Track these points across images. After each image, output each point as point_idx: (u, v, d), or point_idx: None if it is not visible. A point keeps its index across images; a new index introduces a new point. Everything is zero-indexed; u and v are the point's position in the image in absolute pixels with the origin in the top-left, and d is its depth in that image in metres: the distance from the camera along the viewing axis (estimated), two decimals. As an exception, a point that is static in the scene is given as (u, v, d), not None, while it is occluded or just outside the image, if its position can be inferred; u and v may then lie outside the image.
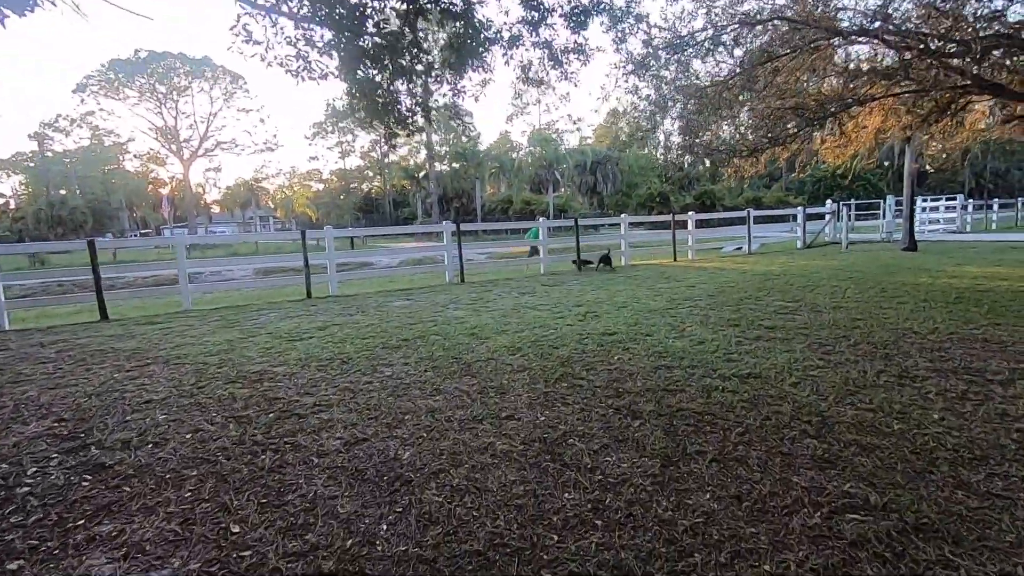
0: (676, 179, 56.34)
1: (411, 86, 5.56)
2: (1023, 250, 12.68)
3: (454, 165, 50.61)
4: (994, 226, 22.44)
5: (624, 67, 6.95)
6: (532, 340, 5.51)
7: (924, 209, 20.06)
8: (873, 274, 9.44)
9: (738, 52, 6.90)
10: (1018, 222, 23.81)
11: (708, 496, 2.35)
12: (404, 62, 5.20)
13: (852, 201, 16.62)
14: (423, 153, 50.75)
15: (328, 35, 4.30)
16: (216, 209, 72.56)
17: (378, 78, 5.09)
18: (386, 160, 60.03)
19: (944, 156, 10.76)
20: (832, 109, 7.25)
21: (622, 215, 13.47)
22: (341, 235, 12.98)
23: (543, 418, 3.38)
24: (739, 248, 17.92)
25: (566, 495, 2.42)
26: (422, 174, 46.18)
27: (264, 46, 4.24)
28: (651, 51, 7.29)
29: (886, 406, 3.28)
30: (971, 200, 21.50)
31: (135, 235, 52.29)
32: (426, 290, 10.16)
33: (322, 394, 4.07)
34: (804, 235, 16.03)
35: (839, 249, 14.85)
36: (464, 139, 47.59)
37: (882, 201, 16.81)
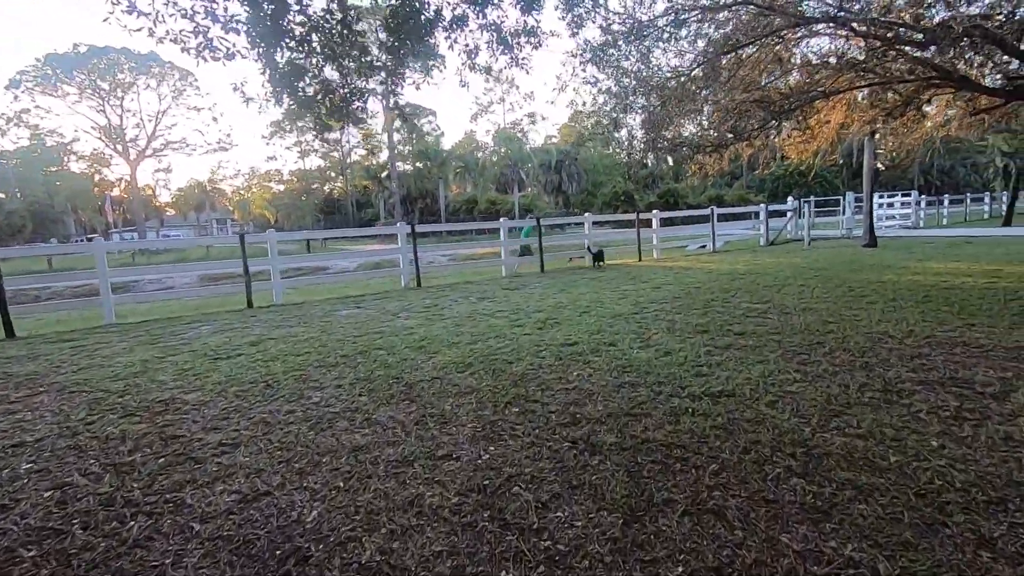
0: (640, 178, 56.75)
1: (344, 71, 4.94)
2: (977, 244, 12.84)
3: (417, 165, 49.69)
4: (945, 221, 23.05)
5: (581, 55, 6.49)
6: (485, 354, 4.99)
7: (881, 205, 20.40)
8: (838, 271, 9.27)
9: (700, 44, 6.54)
10: (967, 217, 24.56)
11: (681, 570, 1.87)
12: (335, 44, 4.60)
13: (812, 198, 16.66)
14: (386, 153, 49.62)
15: (234, 7, 3.69)
16: (172, 212, 69.56)
17: (304, 63, 4.47)
18: (348, 160, 58.62)
19: (905, 152, 10.70)
20: (796, 102, 6.96)
21: (586, 214, 13.09)
22: (288, 239, 12.17)
23: (486, 456, 2.86)
24: (703, 246, 17.81)
25: (503, 574, 1.91)
26: (384, 174, 45.07)
27: (152, 18, 3.58)
28: (610, 39, 6.85)
29: (877, 431, 2.88)
30: (923, 196, 21.99)
31: (81, 240, 49.53)
32: (379, 296, 9.52)
33: (232, 429, 3.45)
34: (767, 232, 15.99)
35: (802, 246, 14.83)
36: (428, 138, 46.67)
37: (841, 198, 16.95)
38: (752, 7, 5.84)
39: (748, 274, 9.63)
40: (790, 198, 16.97)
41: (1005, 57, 5.89)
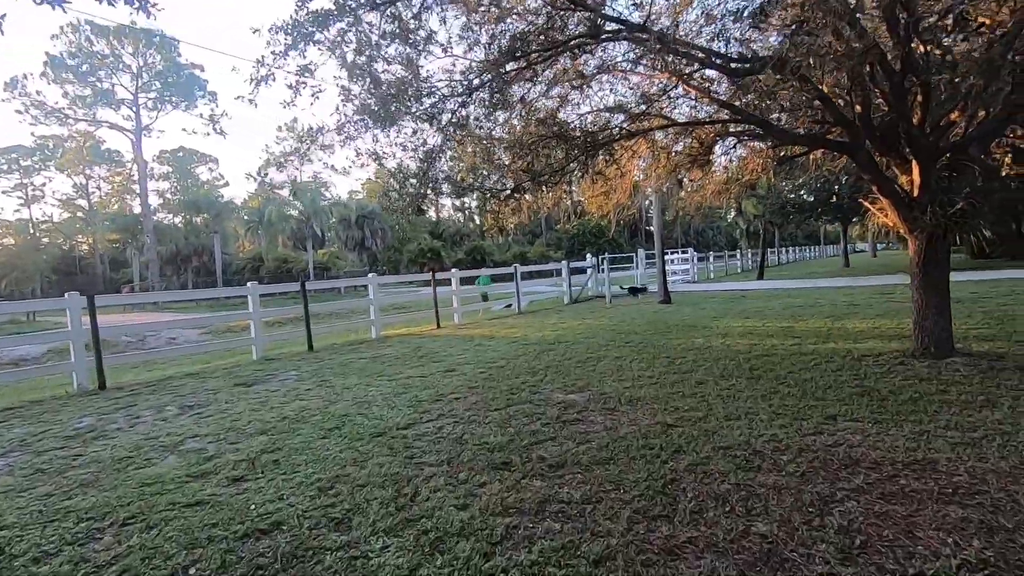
0: (449, 235, 56.61)
1: None
2: (751, 298, 13.59)
3: (195, 217, 42.35)
4: (712, 275, 25.88)
5: (295, 29, 4.35)
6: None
7: (670, 262, 21.99)
8: (649, 336, 8.34)
9: (481, 48, 4.93)
10: (727, 271, 28.09)
11: None
12: None
13: (607, 255, 16.79)
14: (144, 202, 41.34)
15: None
16: None
17: None
18: (96, 209, 48.00)
19: (695, 209, 10.65)
20: (601, 140, 5.72)
21: (370, 275, 10.76)
22: None
23: None
24: (509, 305, 16.70)
25: None
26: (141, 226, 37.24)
27: None
28: (366, 39, 4.87)
29: None
30: (696, 253, 24.40)
31: None
32: (29, 408, 5.81)
33: None
34: (570, 290, 15.41)
35: (604, 304, 14.43)
36: (204, 187, 40.13)
37: (634, 255, 17.44)
38: None
39: (557, 344, 8.18)
40: (588, 255, 16.91)
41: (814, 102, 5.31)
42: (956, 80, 4.42)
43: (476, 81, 4.89)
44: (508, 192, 5.88)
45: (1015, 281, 12.72)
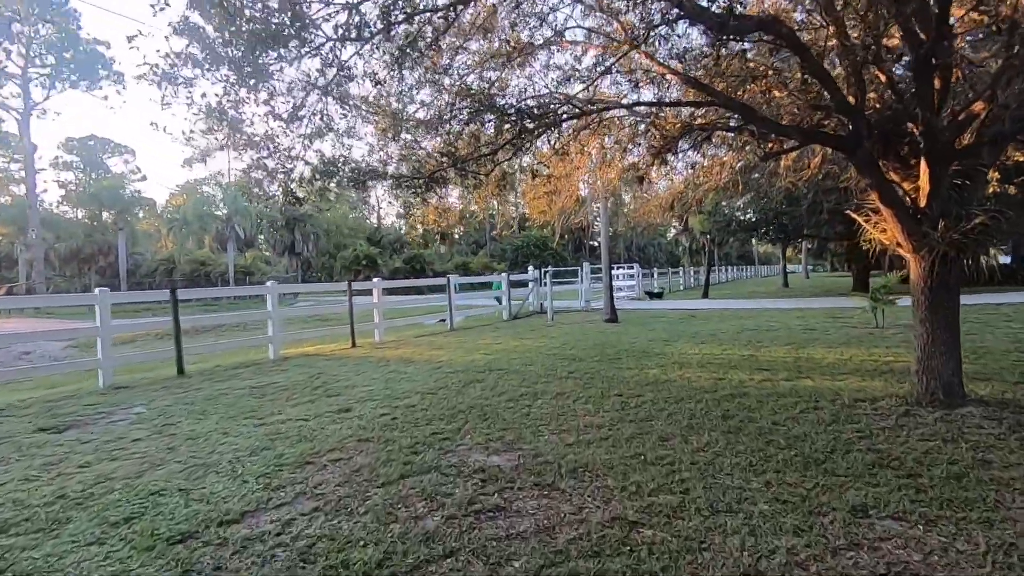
0: (388, 242, 54.35)
1: None
2: (701, 319, 12.75)
3: (102, 213, 38.13)
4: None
5: None
6: None
7: (616, 277, 21.16)
8: (595, 363, 7.11)
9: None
10: (670, 288, 27.72)
11: None
12: None
13: (550, 268, 15.65)
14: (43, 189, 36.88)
15: None
16: None
17: None
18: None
19: (645, 221, 9.63)
20: (545, 120, 4.43)
21: (268, 282, 8.99)
22: None
23: None
24: (442, 320, 15.22)
25: None
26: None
27: None
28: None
29: None
30: (641, 269, 23.77)
31: None
32: None
33: None
34: (510, 305, 14.10)
35: (545, 321, 13.20)
36: (106, 180, 36.16)
37: (580, 268, 16.40)
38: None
39: (488, 372, 6.80)
40: (530, 267, 15.70)
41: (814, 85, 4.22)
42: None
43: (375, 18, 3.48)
44: (423, 181, 4.46)
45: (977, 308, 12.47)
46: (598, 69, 4.70)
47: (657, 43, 4.53)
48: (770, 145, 4.93)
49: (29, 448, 4.31)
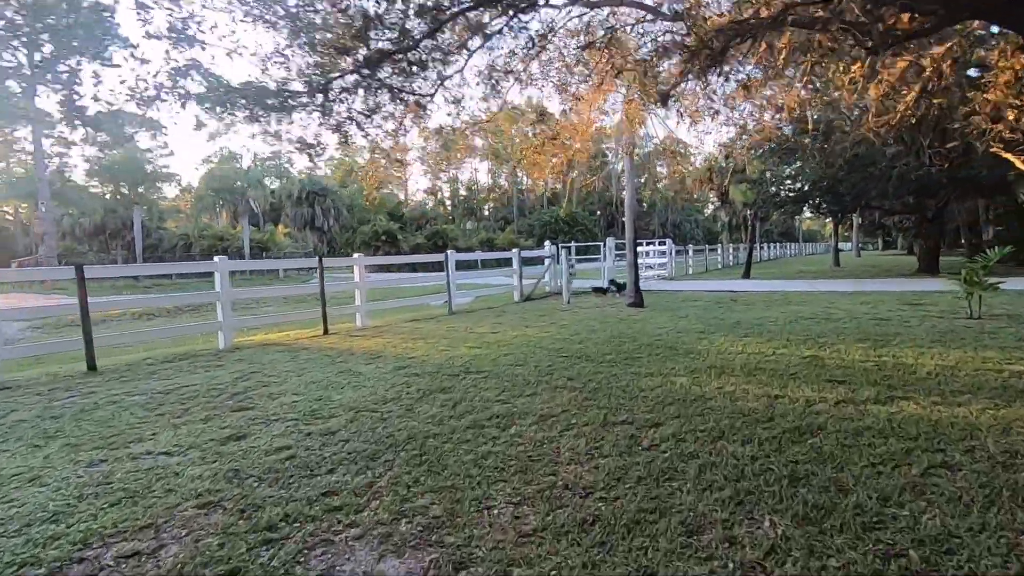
0: (414, 217, 53.17)
1: None
2: (743, 304, 10.86)
3: (122, 187, 37.94)
4: (691, 271, 23.25)
5: None
6: None
7: (640, 255, 19.22)
8: (606, 364, 5.45)
9: None
10: (707, 267, 25.50)
11: None
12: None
13: (572, 244, 13.93)
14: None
15: None
16: None
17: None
18: None
19: (679, 185, 7.81)
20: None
21: (216, 258, 7.49)
22: None
23: None
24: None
25: None
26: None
27: None
28: None
29: None
30: (674, 246, 21.69)
31: None
32: None
33: None
34: (521, 285, 12.46)
35: (560, 304, 11.52)
36: (125, 151, 35.68)
37: (602, 244, 14.58)
38: None
39: (462, 374, 5.24)
40: (547, 242, 13.98)
41: None
42: None
43: None
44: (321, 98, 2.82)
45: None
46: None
47: None
48: (887, 24, 3.07)
49: None
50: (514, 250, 12.76)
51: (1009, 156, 3.73)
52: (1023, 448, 2.98)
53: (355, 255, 9.43)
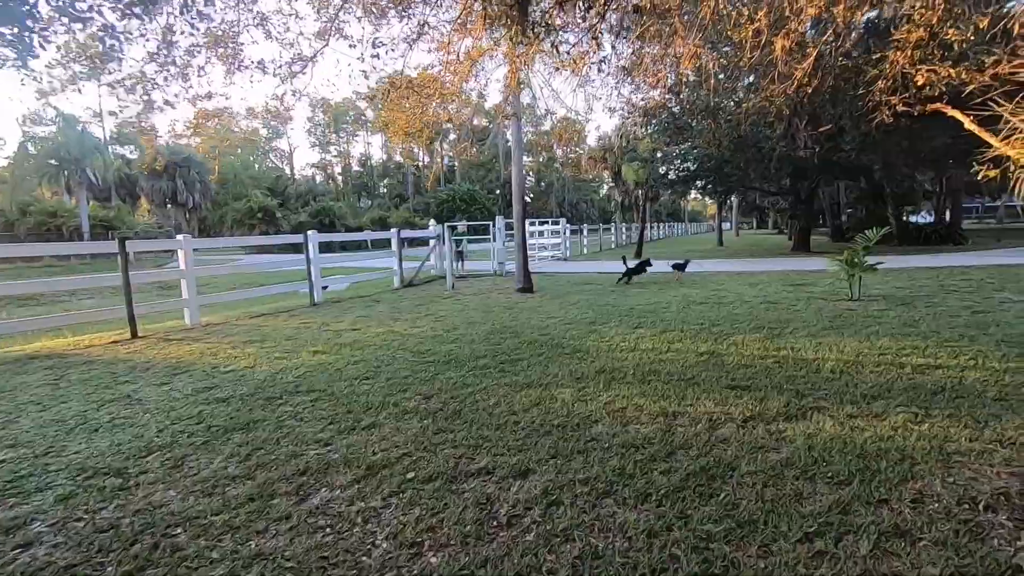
0: (299, 193, 49.14)
1: None
2: (635, 285, 10.39)
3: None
4: (586, 251, 23.07)
5: None
6: None
7: (531, 234, 18.54)
8: (475, 373, 4.41)
9: None
10: (601, 247, 25.52)
11: None
12: None
13: (461, 223, 12.78)
14: None
15: None
16: None
17: None
18: None
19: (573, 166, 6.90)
20: None
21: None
22: None
23: None
24: (325, 287, 12.13)
25: None
26: None
27: None
28: None
29: None
30: (568, 225, 21.29)
31: None
32: None
33: None
34: (401, 269, 11.14)
35: (443, 290, 10.37)
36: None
37: (491, 224, 13.57)
38: None
39: (281, 400, 3.95)
40: (431, 220, 12.72)
41: None
42: None
43: None
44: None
45: (949, 271, 10.80)
46: None
47: None
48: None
49: None
50: (393, 230, 11.35)
51: (956, 114, 3.22)
52: (980, 492, 2.33)
53: (179, 236, 7.55)
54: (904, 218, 22.74)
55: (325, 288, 12.32)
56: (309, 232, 9.29)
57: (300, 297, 9.98)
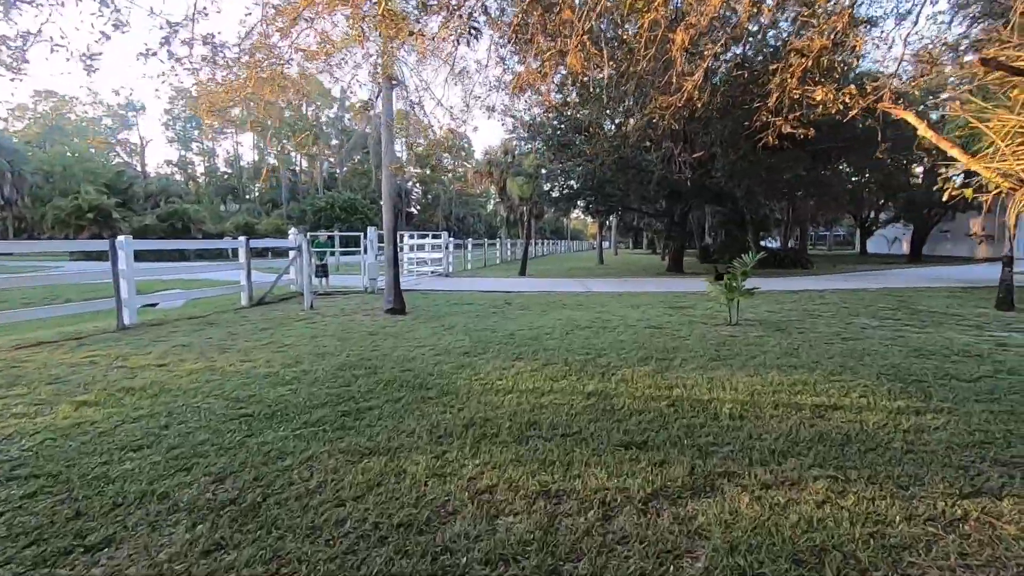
0: (144, 194, 43.25)
1: None
2: (519, 307, 9.72)
3: None
4: (470, 266, 22.32)
5: None
6: None
7: (412, 248, 17.36)
8: (311, 430, 3.30)
9: None
10: (485, 263, 24.93)
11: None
12: None
13: (331, 232, 11.34)
14: None
15: None
16: None
17: None
18: None
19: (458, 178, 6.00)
20: None
21: None
22: None
23: None
24: (154, 305, 10.09)
25: None
26: None
27: None
28: None
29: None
30: (452, 239, 20.38)
31: None
32: None
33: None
34: (250, 285, 9.47)
35: (299, 310, 8.92)
36: None
37: (361, 235, 12.21)
38: None
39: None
40: (292, 229, 11.14)
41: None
42: None
43: None
44: None
45: (809, 295, 11.35)
46: None
47: None
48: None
49: None
50: (241, 238, 9.65)
51: (907, 116, 2.87)
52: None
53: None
54: (760, 243, 24.85)
55: (155, 305, 10.26)
56: (120, 238, 7.42)
57: (109, 317, 7.97)
